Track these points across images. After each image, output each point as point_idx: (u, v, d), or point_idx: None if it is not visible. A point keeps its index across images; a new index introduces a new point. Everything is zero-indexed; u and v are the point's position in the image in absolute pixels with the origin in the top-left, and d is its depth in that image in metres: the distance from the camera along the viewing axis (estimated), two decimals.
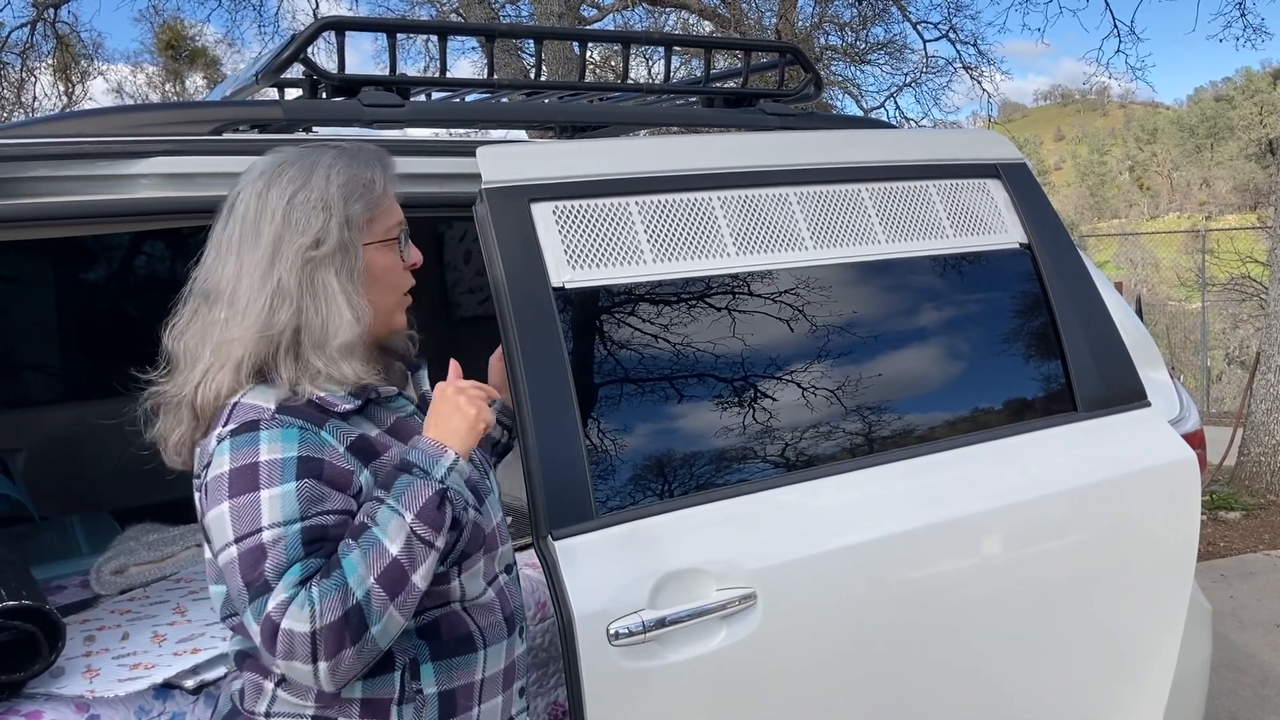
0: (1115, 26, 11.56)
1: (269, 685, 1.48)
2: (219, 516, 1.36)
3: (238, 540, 1.34)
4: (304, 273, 1.44)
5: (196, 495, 1.43)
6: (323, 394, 1.45)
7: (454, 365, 1.63)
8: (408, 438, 1.53)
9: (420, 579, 1.38)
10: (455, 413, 1.48)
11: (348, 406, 1.47)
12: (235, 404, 1.42)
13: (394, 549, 1.35)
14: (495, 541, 1.59)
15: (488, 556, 1.57)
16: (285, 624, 1.30)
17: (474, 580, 1.54)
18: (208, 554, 1.51)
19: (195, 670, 1.86)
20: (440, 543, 1.40)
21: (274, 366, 1.44)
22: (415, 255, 1.60)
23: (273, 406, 1.41)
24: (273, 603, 1.31)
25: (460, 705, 1.50)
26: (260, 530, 1.33)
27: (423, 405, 1.66)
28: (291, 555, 1.33)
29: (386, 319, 1.56)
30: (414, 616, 1.47)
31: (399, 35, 2.26)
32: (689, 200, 2.11)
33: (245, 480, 1.35)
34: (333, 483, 1.40)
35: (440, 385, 1.53)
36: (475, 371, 2.34)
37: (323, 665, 1.31)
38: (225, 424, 1.40)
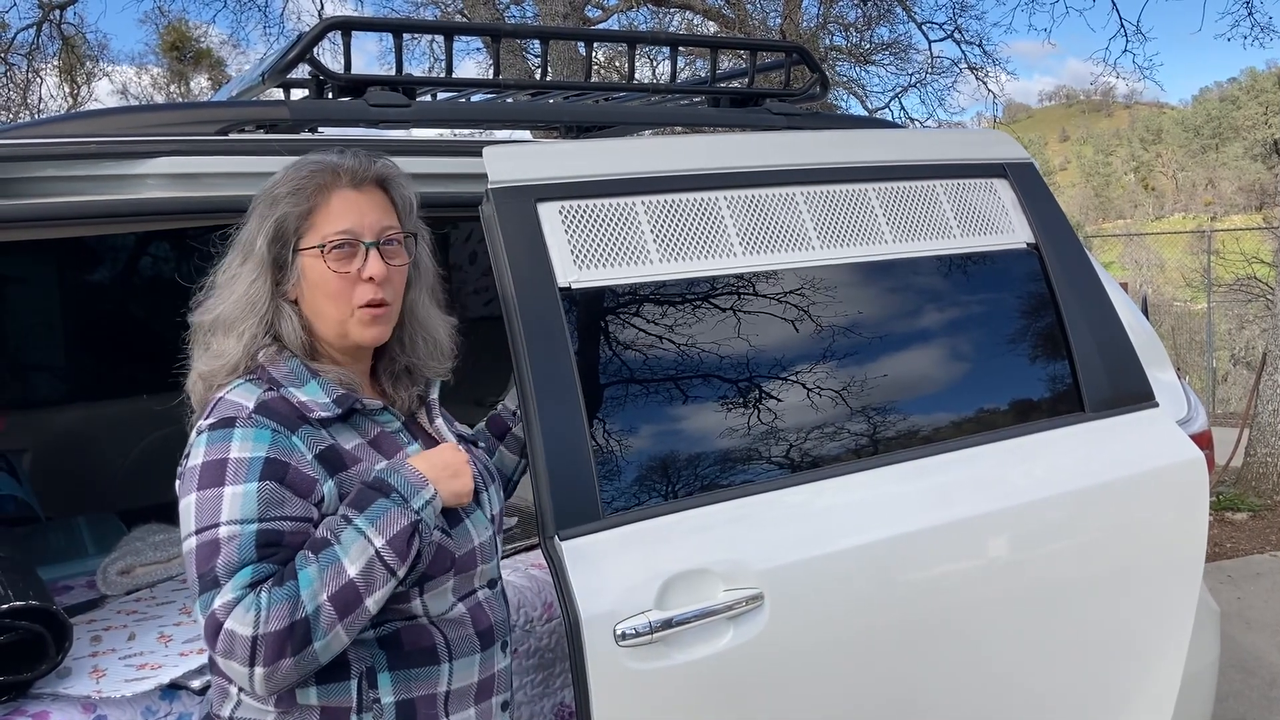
0: (1122, 26, 11.54)
1: (233, 689, 1.49)
2: (186, 507, 1.40)
3: (198, 532, 1.38)
4: (233, 270, 1.51)
5: (177, 484, 1.46)
6: (305, 398, 1.47)
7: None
8: (390, 452, 1.53)
9: (373, 603, 1.40)
10: (458, 472, 1.51)
11: (326, 414, 1.48)
12: (220, 399, 1.46)
13: (352, 570, 1.37)
14: (474, 561, 1.57)
15: (461, 576, 1.55)
16: (229, 624, 1.33)
17: (440, 598, 1.53)
18: None
19: (201, 670, 1.86)
20: (402, 573, 1.42)
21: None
22: (370, 268, 1.51)
23: (251, 405, 1.43)
24: (219, 601, 1.34)
25: (421, 715, 1.49)
26: (218, 525, 1.37)
27: (412, 419, 1.65)
28: (244, 555, 1.36)
29: (336, 329, 1.53)
30: (374, 626, 1.47)
31: (405, 35, 2.26)
32: (695, 200, 2.11)
33: (213, 474, 1.39)
34: (294, 487, 1.41)
35: (453, 446, 1.56)
36: (481, 371, 2.33)
37: (259, 670, 1.33)
38: (207, 417, 1.45)
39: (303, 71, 2.16)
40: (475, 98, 2.64)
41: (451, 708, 1.53)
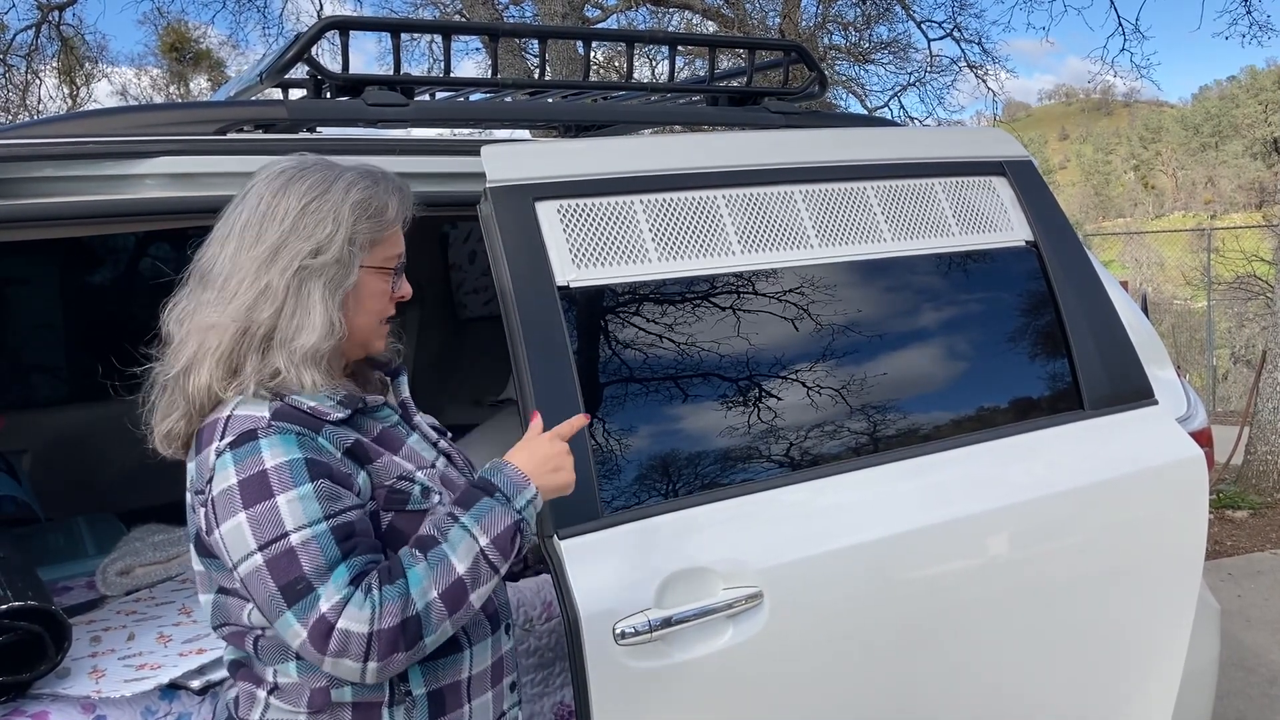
0: (1120, 24, 11.54)
1: (262, 694, 1.49)
2: (236, 528, 1.35)
3: (262, 548, 1.34)
4: (295, 278, 1.44)
5: (200, 511, 1.41)
6: (313, 404, 1.45)
7: (574, 422, 1.61)
8: (394, 447, 1.53)
9: (477, 599, 1.41)
10: (559, 466, 1.52)
11: (339, 415, 1.47)
12: (229, 416, 1.41)
13: (460, 568, 1.38)
14: None
15: None
16: (342, 624, 1.31)
17: None
18: (198, 566, 1.50)
19: (201, 670, 1.87)
20: (504, 570, 1.44)
21: (241, 361, 1.43)
22: (405, 289, 1.59)
23: (268, 415, 1.40)
24: (325, 604, 1.32)
25: (449, 704, 1.51)
26: (286, 535, 1.33)
27: (404, 411, 1.65)
28: (329, 556, 1.34)
29: (363, 342, 1.56)
30: None
31: (403, 35, 2.26)
32: (694, 199, 2.11)
33: (257, 489, 1.35)
34: (341, 483, 1.40)
35: (543, 433, 1.56)
36: (479, 371, 2.33)
37: (373, 665, 1.34)
38: (222, 437, 1.39)
39: (301, 71, 2.16)
40: (473, 97, 2.64)
41: (473, 693, 1.55)
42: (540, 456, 1.52)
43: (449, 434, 1.73)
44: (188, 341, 1.45)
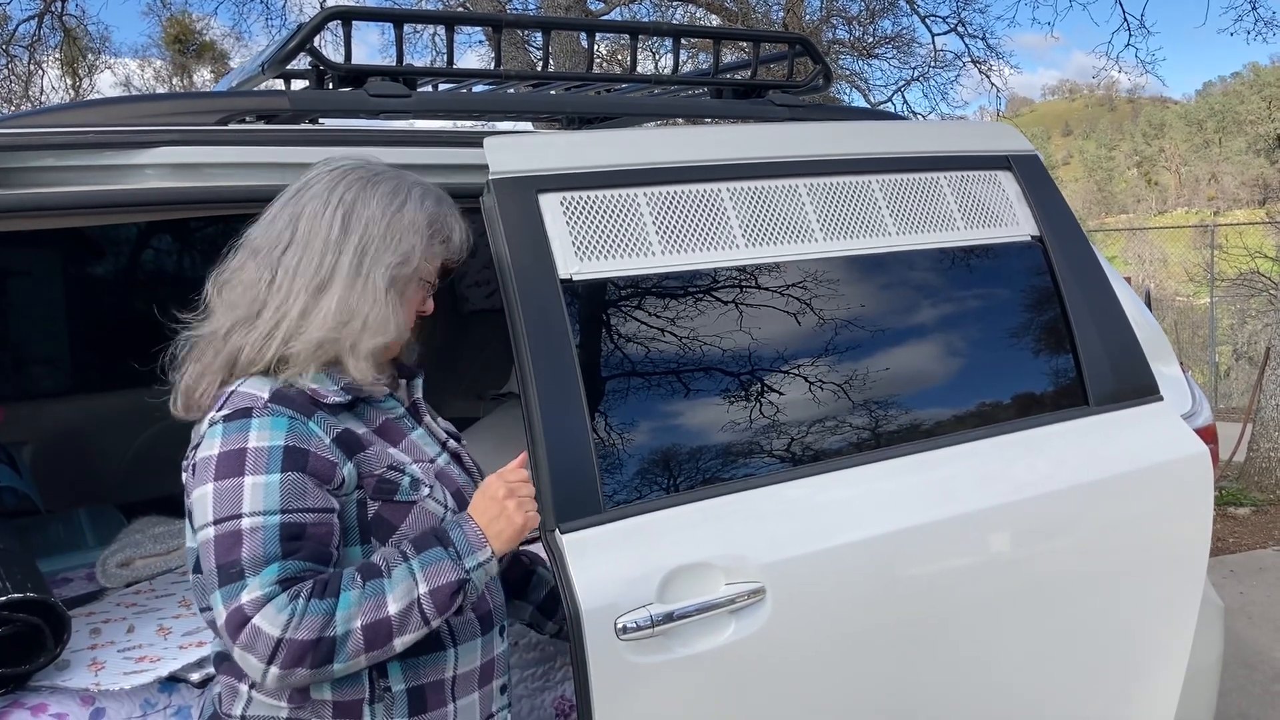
0: (1125, 20, 11.50)
1: (244, 688, 1.50)
2: (202, 496, 1.40)
3: (216, 522, 1.38)
4: (387, 283, 1.51)
5: (184, 476, 1.48)
6: (314, 385, 1.49)
7: (520, 459, 1.62)
8: (393, 438, 1.56)
9: (401, 644, 1.42)
10: (502, 517, 1.51)
11: (337, 400, 1.50)
12: (232, 391, 1.46)
13: (392, 609, 1.39)
14: None
15: None
16: (256, 620, 1.34)
17: None
18: (190, 542, 1.52)
19: (200, 663, 1.86)
20: (437, 624, 1.44)
21: (294, 336, 1.47)
22: (429, 308, 1.64)
23: (266, 395, 1.45)
24: (246, 596, 1.35)
25: (431, 702, 1.52)
26: (240, 516, 1.37)
27: (414, 410, 1.67)
28: (269, 550, 1.37)
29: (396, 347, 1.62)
30: None
31: (406, 26, 2.25)
32: (698, 191, 2.10)
33: (231, 464, 1.39)
34: (316, 474, 1.43)
35: (492, 479, 1.55)
36: (481, 364, 2.32)
37: (274, 670, 1.35)
38: (220, 409, 1.45)
39: (303, 62, 2.15)
40: (476, 88, 2.63)
41: (458, 692, 1.55)
42: (489, 517, 1.51)
43: (462, 440, 1.74)
44: (249, 317, 1.49)
